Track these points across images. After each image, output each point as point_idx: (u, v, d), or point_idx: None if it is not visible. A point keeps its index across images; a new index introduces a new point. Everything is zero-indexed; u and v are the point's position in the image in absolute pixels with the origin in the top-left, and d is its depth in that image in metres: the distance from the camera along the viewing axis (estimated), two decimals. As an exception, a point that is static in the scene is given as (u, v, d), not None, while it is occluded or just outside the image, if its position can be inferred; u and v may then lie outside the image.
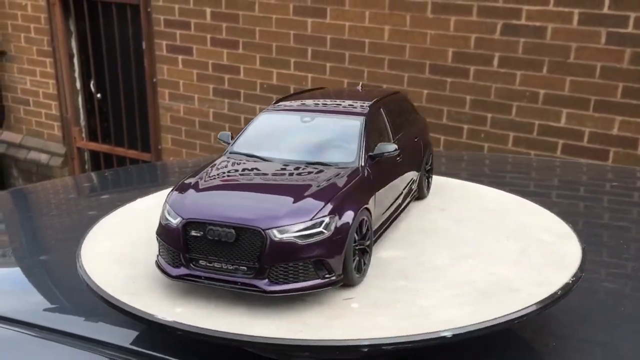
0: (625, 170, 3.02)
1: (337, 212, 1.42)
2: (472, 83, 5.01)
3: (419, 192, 2.03)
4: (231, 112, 6.28)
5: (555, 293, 1.42)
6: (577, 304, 1.74)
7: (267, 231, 1.35)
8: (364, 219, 1.51)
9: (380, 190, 1.66)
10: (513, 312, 1.33)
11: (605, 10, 4.43)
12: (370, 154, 1.65)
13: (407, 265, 1.59)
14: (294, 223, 1.37)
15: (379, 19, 5.24)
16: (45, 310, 1.75)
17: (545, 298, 1.40)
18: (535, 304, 1.37)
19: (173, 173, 3.02)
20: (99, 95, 7.39)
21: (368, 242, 1.54)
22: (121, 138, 7.36)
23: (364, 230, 1.51)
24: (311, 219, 1.39)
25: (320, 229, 1.39)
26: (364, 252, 1.53)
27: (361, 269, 1.50)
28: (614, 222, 2.32)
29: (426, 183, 2.06)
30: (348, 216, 1.44)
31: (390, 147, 1.66)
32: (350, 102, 1.88)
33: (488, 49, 4.88)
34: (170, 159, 6.64)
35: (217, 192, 1.50)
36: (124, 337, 1.54)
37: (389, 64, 5.30)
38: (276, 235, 1.36)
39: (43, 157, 7.82)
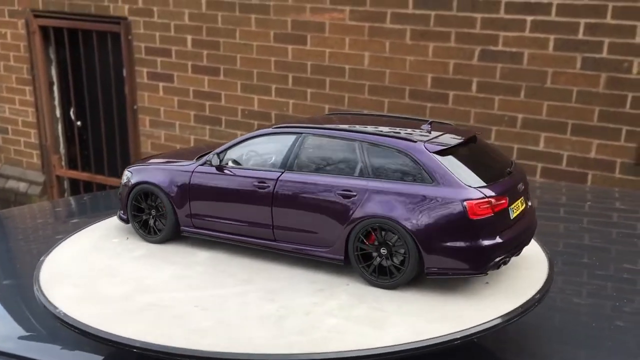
0: (603, 191, 3.06)
1: (135, 174, 2.08)
2: (451, 108, 5.06)
3: (346, 261, 1.71)
4: (212, 139, 6.27)
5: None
6: (558, 324, 1.74)
7: None
8: (152, 193, 2.01)
9: (208, 196, 1.94)
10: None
11: (580, 36, 4.52)
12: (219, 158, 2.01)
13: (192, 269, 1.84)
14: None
15: (359, 46, 5.29)
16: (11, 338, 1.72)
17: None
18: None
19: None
20: (79, 123, 7.35)
21: (158, 214, 2.02)
22: (101, 166, 7.30)
23: (153, 201, 2.02)
24: (126, 169, 2.15)
25: (126, 179, 2.11)
26: (157, 220, 2.02)
27: (149, 231, 2.02)
28: (593, 242, 2.33)
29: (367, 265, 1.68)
30: (135, 179, 2.07)
31: (209, 156, 1.97)
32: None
33: (466, 75, 4.94)
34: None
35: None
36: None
37: (370, 89, 5.34)
38: None
39: (22, 186, 7.72)
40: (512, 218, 1.66)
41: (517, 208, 1.69)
